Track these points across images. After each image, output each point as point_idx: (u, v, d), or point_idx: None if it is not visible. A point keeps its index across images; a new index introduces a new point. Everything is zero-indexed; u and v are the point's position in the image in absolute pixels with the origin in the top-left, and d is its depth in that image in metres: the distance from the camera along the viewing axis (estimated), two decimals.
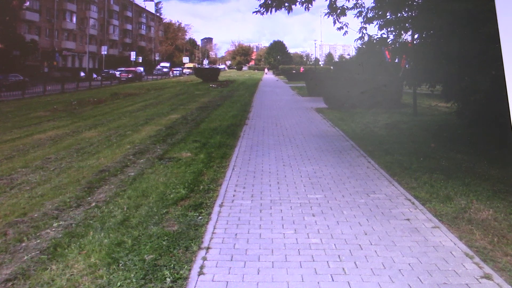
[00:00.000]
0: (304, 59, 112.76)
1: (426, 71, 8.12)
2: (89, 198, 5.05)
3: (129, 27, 70.09)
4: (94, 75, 36.64)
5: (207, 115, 13.65)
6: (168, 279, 3.11)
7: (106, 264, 3.32)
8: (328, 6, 8.60)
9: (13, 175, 6.14)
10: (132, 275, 3.15)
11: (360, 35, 8.66)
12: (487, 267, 3.36)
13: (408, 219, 4.38)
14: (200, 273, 3.21)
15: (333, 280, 3.12)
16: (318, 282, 3.09)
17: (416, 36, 8.94)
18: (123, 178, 5.95)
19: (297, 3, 8.16)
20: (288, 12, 8.14)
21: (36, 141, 8.88)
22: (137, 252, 3.54)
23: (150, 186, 5.45)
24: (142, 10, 76.04)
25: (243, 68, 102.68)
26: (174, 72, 61.90)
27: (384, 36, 8.42)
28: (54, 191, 5.28)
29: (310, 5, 8.17)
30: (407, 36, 9.24)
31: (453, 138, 8.83)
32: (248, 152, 7.84)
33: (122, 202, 4.85)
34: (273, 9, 8.09)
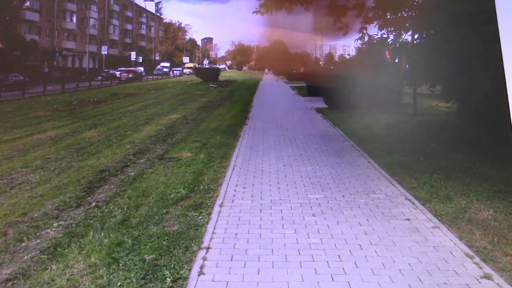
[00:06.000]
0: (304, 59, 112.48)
1: (426, 71, 8.12)
2: (89, 198, 5.05)
3: (129, 27, 69.94)
4: (99, 77, 36.42)
5: (207, 115, 13.64)
6: (168, 279, 3.11)
7: (106, 264, 3.33)
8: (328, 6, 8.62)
9: (13, 175, 6.14)
10: (132, 275, 3.16)
11: (360, 35, 8.68)
12: (487, 267, 3.36)
13: (408, 219, 4.38)
14: (200, 273, 3.22)
15: (333, 280, 3.12)
16: (318, 282, 3.09)
17: (416, 36, 8.95)
18: (123, 178, 5.95)
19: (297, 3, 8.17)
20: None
21: (36, 141, 8.88)
22: (137, 252, 3.54)
23: (150, 186, 5.45)
24: (142, 10, 75.87)
25: (243, 68, 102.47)
26: (174, 72, 61.73)
27: (384, 36, 8.44)
28: (54, 191, 5.28)
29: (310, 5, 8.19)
30: (407, 36, 9.25)
31: (453, 138, 8.82)
32: (248, 152, 7.84)
33: (122, 202, 4.85)
34: (273, 9, 8.11)
